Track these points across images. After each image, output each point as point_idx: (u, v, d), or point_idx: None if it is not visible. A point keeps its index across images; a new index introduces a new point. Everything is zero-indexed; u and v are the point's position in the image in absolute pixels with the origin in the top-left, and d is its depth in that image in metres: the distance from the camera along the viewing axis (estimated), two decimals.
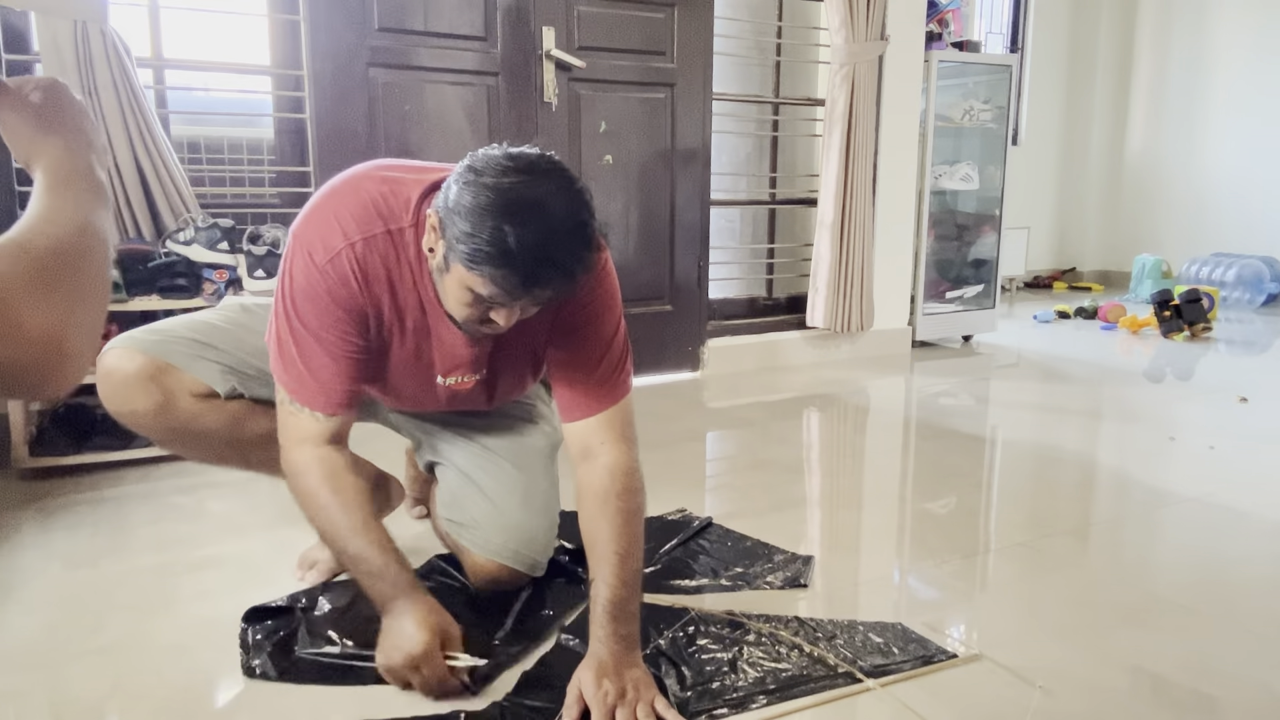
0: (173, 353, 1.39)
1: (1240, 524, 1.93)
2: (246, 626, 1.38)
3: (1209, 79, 5.78)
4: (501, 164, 1.12)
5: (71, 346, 0.61)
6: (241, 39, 2.76)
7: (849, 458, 2.49)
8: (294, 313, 1.25)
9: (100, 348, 1.01)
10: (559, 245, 1.10)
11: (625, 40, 3.07)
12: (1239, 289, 5.22)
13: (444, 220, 1.14)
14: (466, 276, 1.13)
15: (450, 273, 1.16)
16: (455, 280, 1.16)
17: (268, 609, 1.43)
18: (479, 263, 1.10)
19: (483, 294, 1.14)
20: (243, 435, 1.44)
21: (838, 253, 3.53)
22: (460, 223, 1.10)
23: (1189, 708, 1.23)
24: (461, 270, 1.13)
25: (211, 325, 1.45)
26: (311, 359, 1.25)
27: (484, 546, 1.45)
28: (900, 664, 1.32)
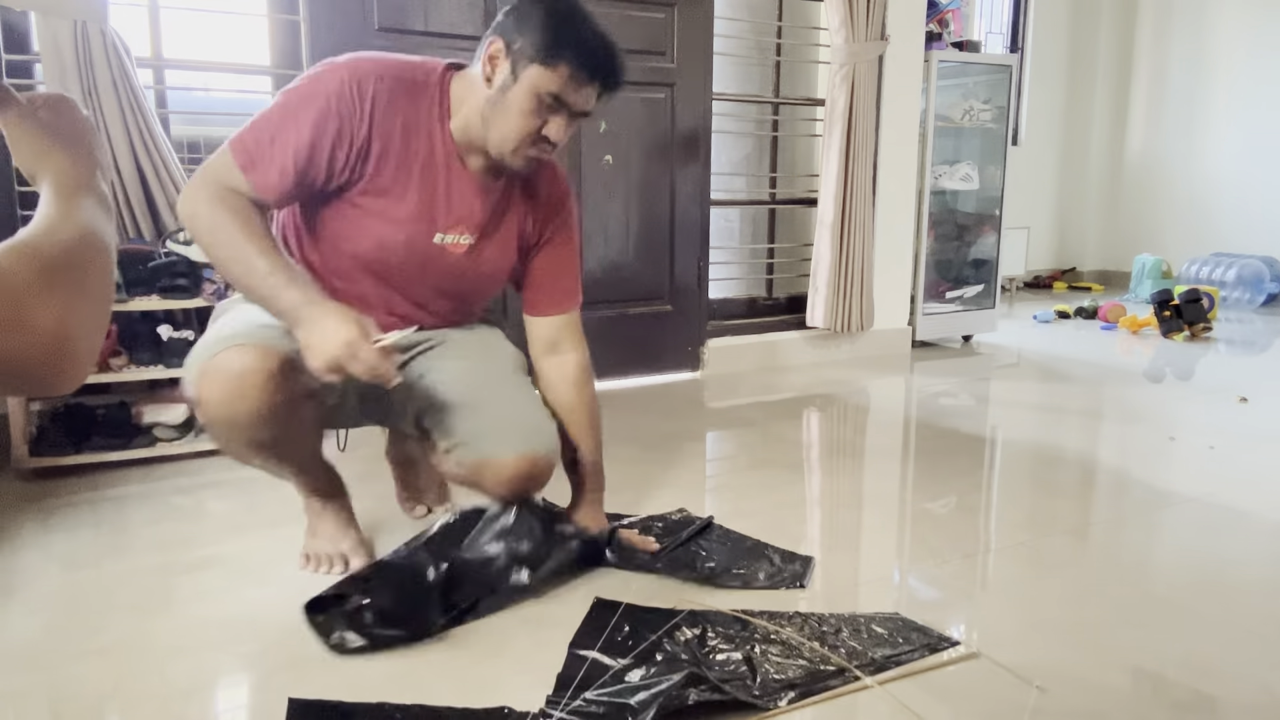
0: (264, 338, 1.37)
1: (1240, 524, 1.93)
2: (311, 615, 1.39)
3: (1209, 79, 5.78)
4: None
5: (77, 345, 0.63)
6: (241, 39, 2.76)
7: (849, 458, 2.49)
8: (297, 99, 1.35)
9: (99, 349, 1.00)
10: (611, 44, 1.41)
11: (625, 40, 3.03)
12: (1239, 289, 5.22)
13: (510, 39, 1.37)
14: (540, 75, 1.35)
15: (518, 83, 1.36)
16: (523, 89, 1.36)
17: (325, 598, 1.44)
18: (560, 49, 1.34)
19: (553, 89, 1.35)
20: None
21: (838, 253, 3.53)
22: (533, 25, 1.35)
23: (1189, 708, 1.23)
24: (536, 70, 1.35)
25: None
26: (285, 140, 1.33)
27: (505, 445, 1.49)
28: (908, 653, 1.33)
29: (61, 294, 0.62)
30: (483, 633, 1.42)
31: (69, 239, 0.67)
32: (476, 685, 1.26)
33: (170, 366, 2.24)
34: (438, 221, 1.47)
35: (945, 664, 1.33)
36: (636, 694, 1.18)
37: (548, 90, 1.36)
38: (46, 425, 2.20)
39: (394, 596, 1.43)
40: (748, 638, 1.37)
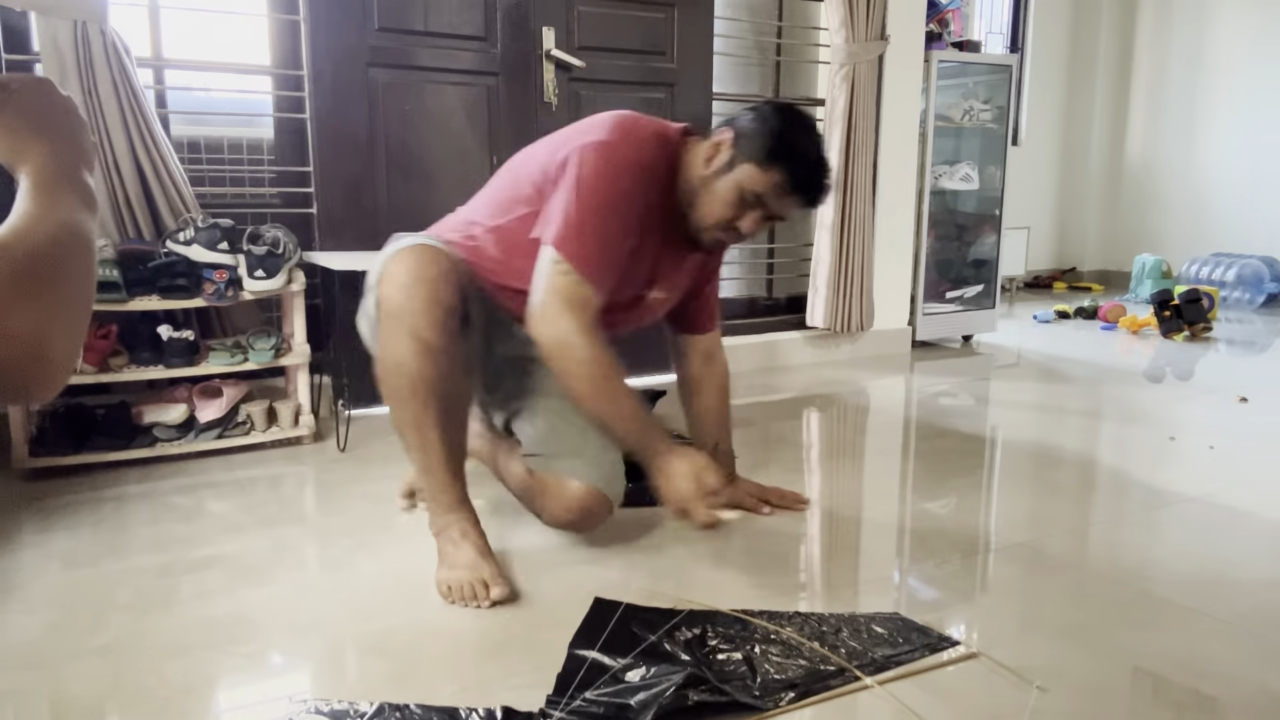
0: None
1: (1240, 524, 1.93)
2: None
3: (1209, 79, 5.78)
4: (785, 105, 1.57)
5: (53, 350, 0.60)
6: (241, 39, 2.76)
7: (849, 458, 2.49)
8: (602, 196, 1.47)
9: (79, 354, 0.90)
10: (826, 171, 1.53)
11: (625, 40, 3.07)
12: (1239, 289, 5.22)
13: (739, 133, 1.51)
14: (752, 174, 1.48)
15: (732, 173, 1.50)
16: (735, 180, 1.49)
17: None
18: (781, 162, 1.47)
19: (759, 191, 1.48)
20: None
21: (838, 253, 3.53)
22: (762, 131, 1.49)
23: (1189, 708, 1.23)
24: (749, 168, 1.48)
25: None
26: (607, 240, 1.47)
27: (581, 474, 1.59)
28: (909, 654, 1.33)
29: (35, 299, 0.59)
30: (483, 633, 1.42)
31: (44, 239, 0.63)
32: (476, 685, 1.26)
33: (170, 366, 2.24)
34: (655, 281, 1.66)
35: (945, 664, 1.33)
36: (636, 694, 1.18)
37: (753, 189, 1.49)
38: (46, 425, 2.20)
39: None
40: (747, 638, 1.37)
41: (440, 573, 1.52)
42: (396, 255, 1.48)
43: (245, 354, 2.31)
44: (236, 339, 2.38)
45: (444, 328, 1.45)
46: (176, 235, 2.28)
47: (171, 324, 2.32)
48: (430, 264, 1.45)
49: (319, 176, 2.66)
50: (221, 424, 2.32)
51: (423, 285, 1.44)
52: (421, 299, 1.43)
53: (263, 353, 2.30)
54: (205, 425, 2.29)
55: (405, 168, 2.77)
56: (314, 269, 2.50)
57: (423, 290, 1.43)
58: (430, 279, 1.44)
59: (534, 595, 1.53)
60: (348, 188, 2.69)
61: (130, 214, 2.34)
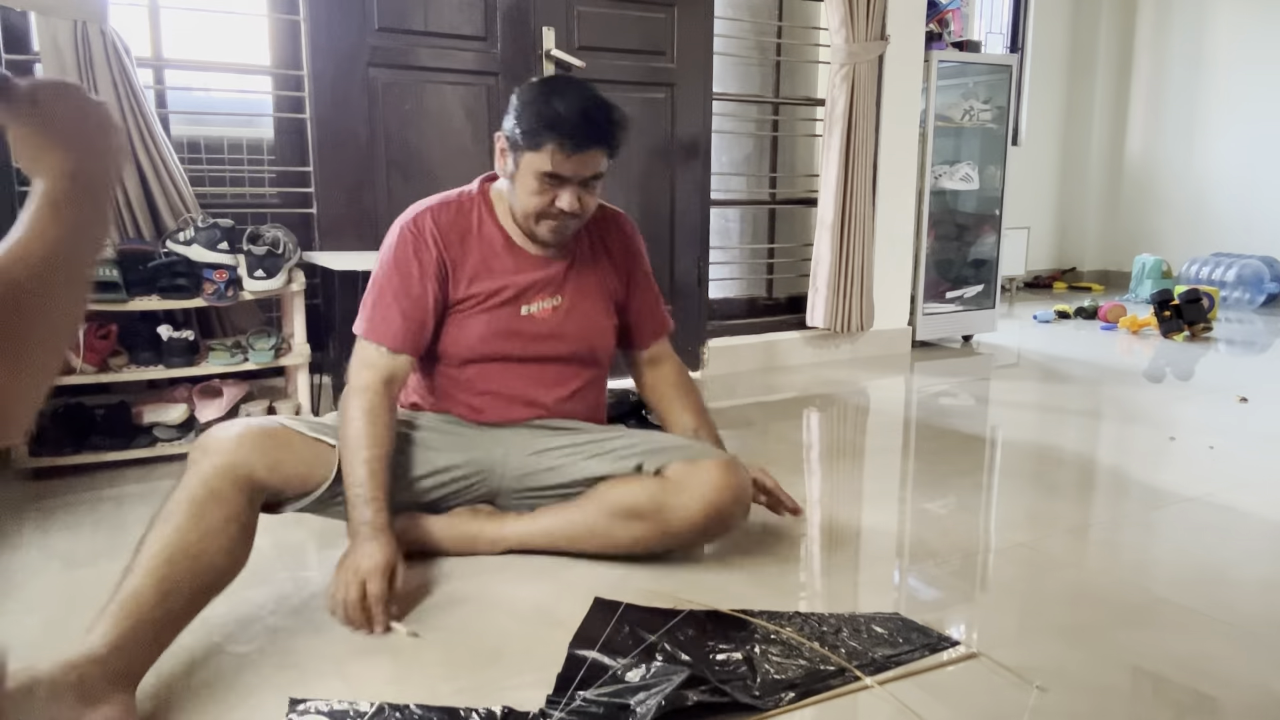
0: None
1: (1240, 524, 1.93)
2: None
3: (1209, 79, 5.78)
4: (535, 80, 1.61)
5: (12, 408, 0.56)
6: (241, 39, 2.76)
7: (849, 458, 2.49)
8: (381, 268, 1.61)
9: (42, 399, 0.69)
10: (594, 108, 1.53)
11: (625, 40, 3.07)
12: (1239, 289, 5.22)
13: (507, 134, 1.55)
14: (532, 159, 1.52)
15: (520, 170, 1.54)
16: (524, 173, 1.54)
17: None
18: (539, 132, 1.49)
19: (546, 168, 1.50)
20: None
21: (838, 253, 3.53)
22: (519, 119, 1.52)
23: (1189, 708, 1.23)
24: (528, 156, 1.52)
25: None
26: (387, 300, 1.58)
27: (712, 454, 1.67)
28: (909, 654, 1.33)
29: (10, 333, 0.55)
30: (482, 633, 1.42)
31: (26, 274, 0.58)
32: (475, 685, 1.26)
33: (170, 366, 2.24)
34: (520, 298, 1.66)
35: (945, 664, 1.33)
36: (636, 694, 1.18)
37: (541, 170, 1.52)
38: (46, 425, 2.20)
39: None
40: (747, 638, 1.37)
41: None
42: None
43: (245, 354, 2.31)
44: (236, 339, 2.38)
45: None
46: (176, 235, 2.28)
47: (171, 324, 2.32)
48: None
49: (319, 176, 2.66)
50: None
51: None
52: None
53: (263, 353, 2.30)
54: (205, 425, 2.29)
55: (405, 168, 2.77)
56: (314, 269, 2.50)
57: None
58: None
59: (534, 595, 1.53)
60: (348, 188, 2.69)
61: (130, 214, 2.34)
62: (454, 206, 1.65)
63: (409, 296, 1.58)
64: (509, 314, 1.65)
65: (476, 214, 1.66)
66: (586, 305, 1.72)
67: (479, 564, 1.64)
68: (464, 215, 1.65)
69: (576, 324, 1.70)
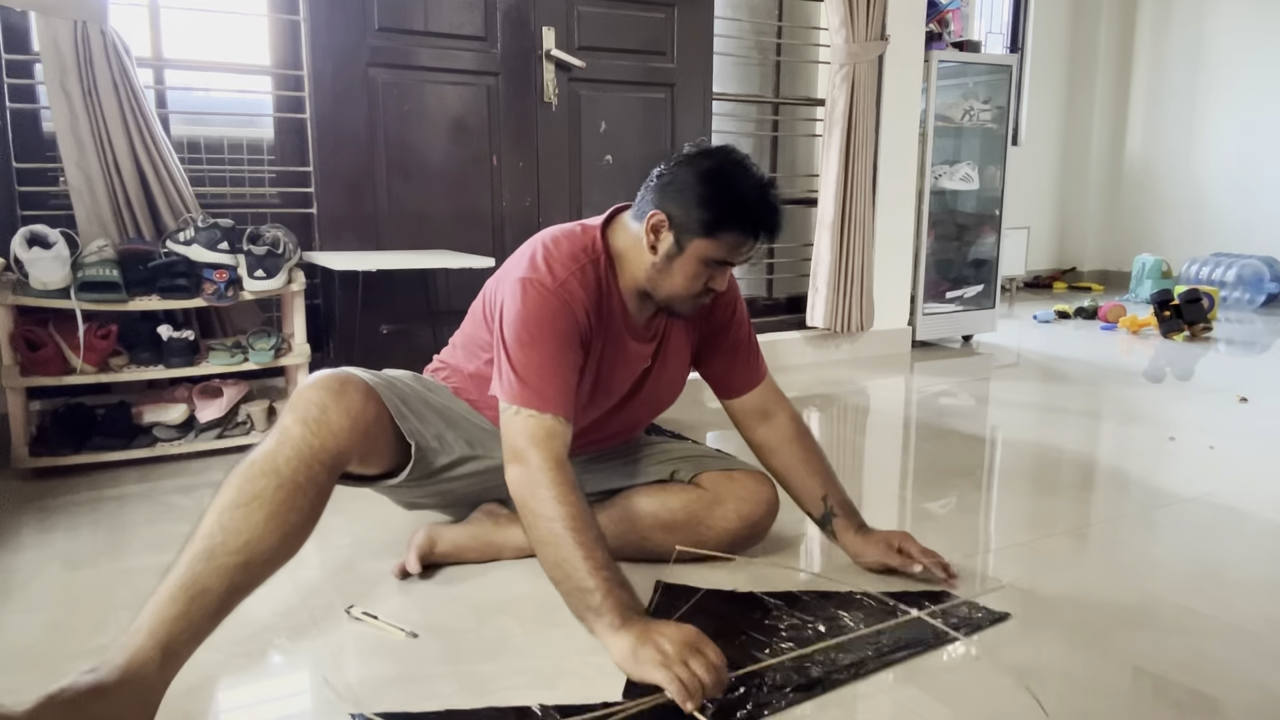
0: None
1: (1240, 524, 1.93)
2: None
3: (1208, 79, 5.78)
4: (697, 153, 1.45)
5: None
6: (241, 39, 2.76)
7: (849, 458, 2.49)
8: (530, 332, 1.39)
9: None
10: (770, 198, 1.42)
11: (625, 40, 3.07)
12: (1239, 289, 5.22)
13: (670, 211, 1.41)
14: (705, 246, 1.41)
15: (684, 253, 1.42)
16: (690, 258, 1.43)
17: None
18: (723, 222, 1.39)
19: (720, 256, 1.42)
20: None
21: (838, 253, 3.53)
22: (693, 201, 1.39)
23: (1189, 708, 1.23)
24: (701, 243, 1.41)
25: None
26: (549, 369, 1.38)
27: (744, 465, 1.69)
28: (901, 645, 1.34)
29: None
30: (483, 633, 1.42)
31: None
32: (476, 685, 1.26)
33: (170, 366, 2.24)
34: (641, 377, 1.60)
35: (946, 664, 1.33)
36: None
37: (714, 258, 1.43)
38: (46, 425, 2.20)
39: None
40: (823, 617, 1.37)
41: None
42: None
43: (245, 354, 2.31)
44: (236, 339, 2.38)
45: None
46: (176, 235, 2.28)
47: (171, 324, 2.32)
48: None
49: (319, 176, 2.66)
50: (221, 424, 2.32)
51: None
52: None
53: (263, 353, 2.30)
54: (205, 425, 2.29)
55: (405, 168, 2.77)
56: (314, 269, 2.50)
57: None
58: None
59: (533, 595, 1.53)
60: (348, 188, 2.69)
61: (130, 214, 2.34)
62: (589, 271, 1.46)
63: (569, 364, 1.41)
64: (631, 372, 1.59)
65: (604, 281, 1.49)
66: (671, 367, 1.65)
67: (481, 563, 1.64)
68: (600, 283, 1.48)
69: (659, 386, 1.65)
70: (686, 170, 1.41)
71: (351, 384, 1.35)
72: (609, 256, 1.50)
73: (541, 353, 1.38)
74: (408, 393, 1.50)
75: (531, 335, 1.39)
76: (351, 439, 1.30)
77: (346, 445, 1.30)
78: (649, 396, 1.65)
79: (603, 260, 1.49)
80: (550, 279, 1.41)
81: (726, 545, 1.62)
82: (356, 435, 1.32)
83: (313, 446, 1.25)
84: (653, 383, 1.63)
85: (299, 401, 1.30)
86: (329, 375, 1.36)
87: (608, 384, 1.56)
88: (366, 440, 1.35)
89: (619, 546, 1.57)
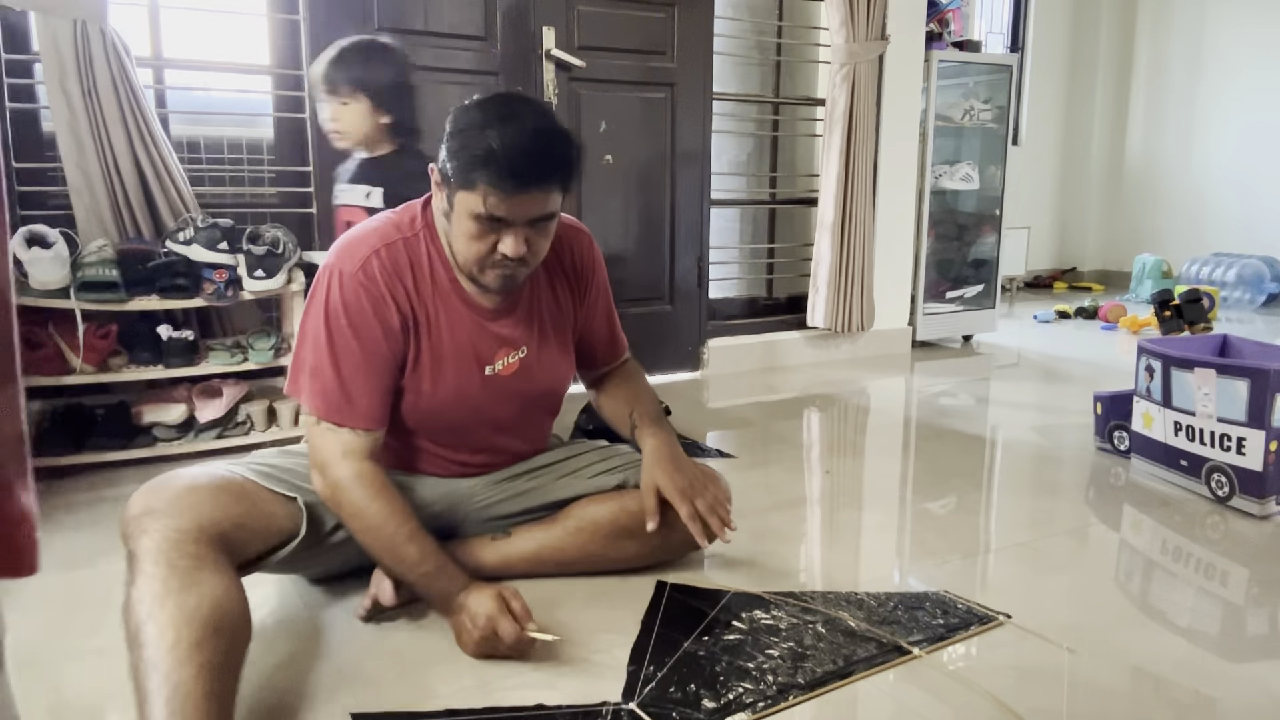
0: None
1: (1240, 523, 1.92)
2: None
3: (1209, 79, 5.78)
4: (474, 100, 1.31)
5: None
6: (241, 39, 2.76)
7: (849, 458, 2.49)
8: (329, 330, 1.32)
9: None
10: (538, 139, 1.25)
11: (625, 40, 3.07)
12: (1239, 289, 5.22)
13: (441, 165, 1.30)
14: (466, 199, 1.26)
15: (455, 210, 1.29)
16: (459, 214, 1.29)
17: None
18: (472, 170, 1.24)
19: (481, 210, 1.26)
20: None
21: (838, 253, 3.53)
22: (451, 150, 1.26)
23: (1189, 708, 1.23)
24: (462, 195, 1.27)
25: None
26: (348, 375, 1.31)
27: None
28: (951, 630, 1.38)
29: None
30: None
31: None
32: (476, 685, 1.26)
33: (170, 366, 2.24)
34: (480, 358, 1.44)
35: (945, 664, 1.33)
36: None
37: (477, 212, 1.27)
38: (46, 425, 2.20)
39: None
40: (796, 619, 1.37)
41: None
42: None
43: (245, 354, 2.31)
44: (236, 339, 2.38)
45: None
46: (176, 235, 2.28)
47: (171, 324, 2.32)
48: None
49: (319, 176, 2.66)
50: (221, 424, 2.32)
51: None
52: None
53: (262, 353, 2.30)
54: (205, 425, 2.29)
55: None
56: (314, 269, 2.50)
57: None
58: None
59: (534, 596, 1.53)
60: None
61: (130, 214, 2.34)
62: (400, 246, 1.36)
63: (373, 366, 1.33)
64: (472, 377, 1.44)
65: (425, 253, 1.38)
66: (550, 350, 1.53)
67: None
68: (414, 256, 1.37)
69: (542, 373, 1.53)
70: (454, 117, 1.30)
71: (191, 474, 1.28)
72: (431, 230, 1.40)
73: (340, 356, 1.31)
74: (268, 468, 1.40)
75: (329, 334, 1.31)
76: (214, 509, 1.22)
77: (217, 516, 1.21)
78: (536, 383, 1.52)
79: (424, 236, 1.39)
80: (349, 262, 1.33)
81: (688, 548, 1.61)
82: (221, 502, 1.23)
83: (181, 528, 1.15)
84: (533, 370, 1.50)
85: (143, 507, 1.20)
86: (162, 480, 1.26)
87: (469, 381, 1.44)
88: (240, 504, 1.27)
89: (580, 559, 1.56)
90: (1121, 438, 2.36)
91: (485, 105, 1.29)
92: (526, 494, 1.59)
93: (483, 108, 1.28)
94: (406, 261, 1.36)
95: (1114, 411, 2.39)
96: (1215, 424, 1.97)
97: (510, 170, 1.23)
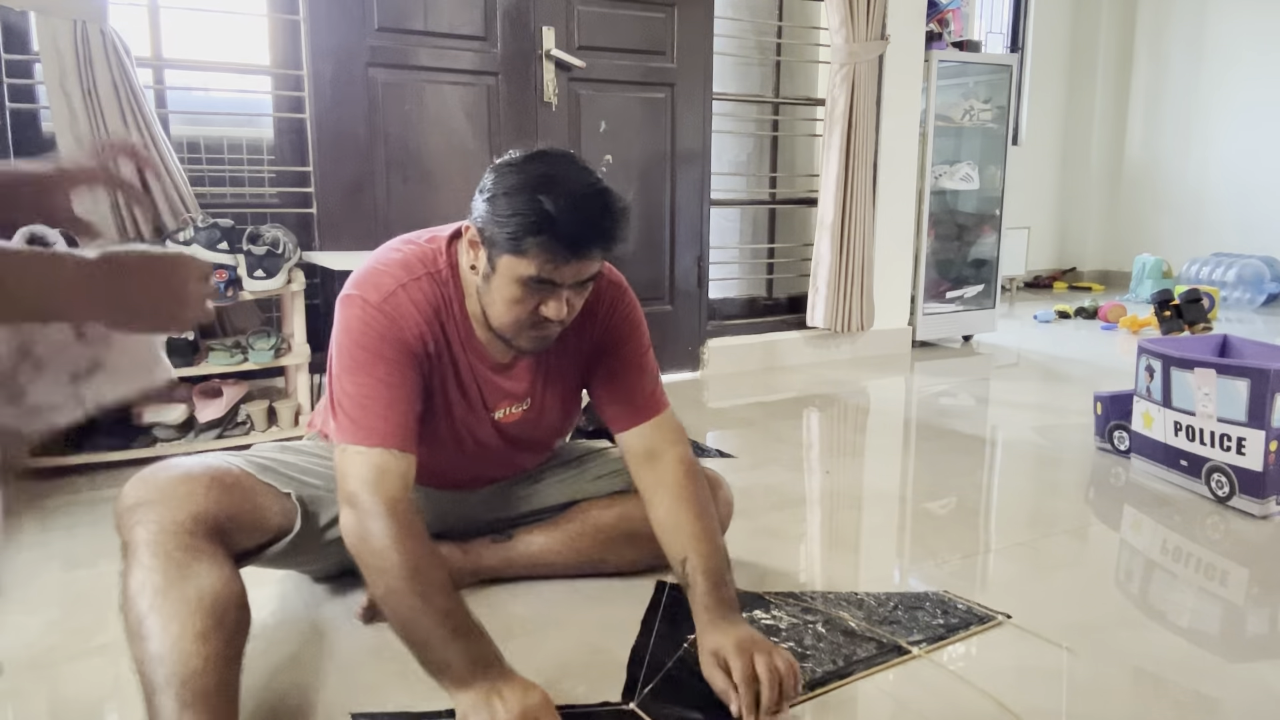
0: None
1: (1240, 524, 1.93)
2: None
3: (1209, 79, 5.78)
4: (517, 159, 1.23)
5: None
6: (241, 39, 2.76)
7: (849, 458, 2.49)
8: (353, 356, 1.27)
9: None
10: (592, 202, 1.20)
11: (625, 40, 3.07)
12: (1239, 289, 5.22)
13: (481, 226, 1.23)
14: (514, 263, 1.20)
15: (497, 273, 1.23)
16: (503, 278, 1.22)
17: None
18: (523, 236, 1.17)
19: (532, 274, 1.20)
20: None
21: (838, 253, 3.53)
22: (498, 214, 1.19)
23: (1189, 708, 1.23)
24: (509, 259, 1.20)
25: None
26: (375, 396, 1.24)
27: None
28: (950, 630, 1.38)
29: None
30: None
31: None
32: None
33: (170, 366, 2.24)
34: (488, 403, 1.41)
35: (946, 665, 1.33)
36: None
37: (528, 277, 1.21)
38: None
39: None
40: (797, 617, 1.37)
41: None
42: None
43: (245, 354, 2.31)
44: (236, 339, 2.38)
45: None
46: (176, 235, 2.28)
47: None
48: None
49: (319, 176, 2.66)
50: (221, 424, 2.32)
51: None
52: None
53: (263, 353, 2.30)
54: (205, 425, 2.29)
55: (405, 168, 2.77)
56: (314, 269, 2.50)
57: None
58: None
59: (533, 596, 1.53)
60: (348, 188, 2.69)
61: (130, 214, 2.34)
62: (426, 284, 1.31)
63: (403, 388, 1.27)
64: (478, 419, 1.42)
65: (448, 296, 1.33)
66: (555, 404, 1.48)
67: None
68: (441, 297, 1.32)
69: (544, 423, 1.50)
70: (494, 178, 1.23)
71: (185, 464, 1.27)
72: (455, 274, 1.33)
73: (367, 378, 1.25)
74: (265, 460, 1.40)
75: (355, 360, 1.26)
76: (208, 500, 1.21)
77: (211, 508, 1.20)
78: (538, 432, 1.50)
79: (447, 275, 1.32)
80: (374, 293, 1.28)
81: None
82: (214, 494, 1.22)
83: (176, 520, 1.15)
84: (536, 420, 1.47)
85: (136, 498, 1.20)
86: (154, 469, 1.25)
87: (475, 421, 1.41)
88: (233, 496, 1.26)
89: (581, 562, 1.56)
90: (1121, 438, 2.37)
91: (529, 166, 1.22)
92: (528, 497, 1.59)
93: (526, 169, 1.21)
94: (432, 298, 1.31)
95: (1114, 411, 2.39)
96: (1215, 424, 1.97)
97: (568, 237, 1.18)
